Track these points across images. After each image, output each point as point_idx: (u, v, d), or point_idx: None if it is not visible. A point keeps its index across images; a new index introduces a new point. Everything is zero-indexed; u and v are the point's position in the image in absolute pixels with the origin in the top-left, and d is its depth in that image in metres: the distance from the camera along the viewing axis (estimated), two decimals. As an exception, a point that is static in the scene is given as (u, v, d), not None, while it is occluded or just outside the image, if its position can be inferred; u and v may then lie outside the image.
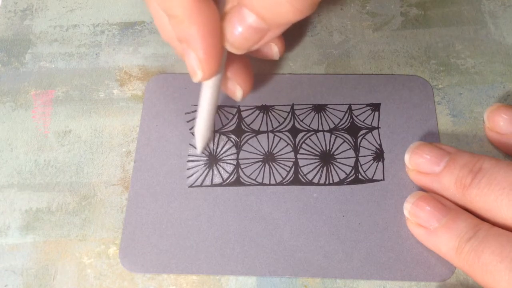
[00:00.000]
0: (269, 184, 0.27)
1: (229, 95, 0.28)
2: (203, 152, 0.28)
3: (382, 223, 0.26)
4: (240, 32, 0.23)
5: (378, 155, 0.28)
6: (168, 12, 0.23)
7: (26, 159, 0.29)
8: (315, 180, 0.27)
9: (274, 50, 0.28)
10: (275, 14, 0.22)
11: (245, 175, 0.28)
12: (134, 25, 0.33)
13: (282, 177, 0.27)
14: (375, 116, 0.29)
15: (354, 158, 0.28)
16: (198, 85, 0.30)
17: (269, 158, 0.28)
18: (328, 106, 0.29)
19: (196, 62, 0.23)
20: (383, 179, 0.27)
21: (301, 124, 0.29)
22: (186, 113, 0.29)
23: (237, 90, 0.28)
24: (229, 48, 0.24)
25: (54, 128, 0.29)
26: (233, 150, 0.28)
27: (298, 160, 0.28)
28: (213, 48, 0.23)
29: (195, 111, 0.29)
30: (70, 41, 0.32)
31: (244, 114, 0.29)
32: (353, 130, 0.29)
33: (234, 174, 0.28)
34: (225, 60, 0.25)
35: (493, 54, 0.31)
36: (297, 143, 0.28)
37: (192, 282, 0.25)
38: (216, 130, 0.29)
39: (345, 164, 0.28)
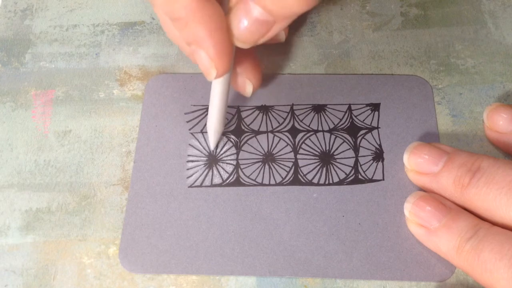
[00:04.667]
0: (269, 185, 0.27)
1: (239, 91, 0.28)
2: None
3: (382, 223, 0.26)
4: (246, 25, 0.23)
5: (378, 155, 0.28)
6: (171, 15, 0.23)
7: (26, 159, 0.29)
8: (315, 180, 0.27)
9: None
10: (281, 6, 0.22)
11: (245, 175, 0.28)
12: (134, 25, 0.33)
13: (282, 177, 0.28)
14: (375, 116, 0.29)
15: (354, 158, 0.28)
16: (198, 85, 0.30)
17: (268, 158, 0.28)
18: (328, 106, 0.29)
19: (208, 61, 0.23)
20: (383, 179, 0.27)
21: (300, 124, 0.29)
22: (186, 113, 0.29)
23: (247, 85, 0.28)
24: (236, 42, 0.24)
25: (54, 128, 0.29)
26: (233, 150, 0.28)
27: (298, 160, 0.28)
28: (223, 44, 0.23)
29: (195, 111, 0.29)
30: (70, 41, 0.32)
31: (243, 114, 0.29)
32: (353, 130, 0.29)
33: (234, 175, 0.28)
34: (234, 56, 0.25)
35: (493, 54, 0.31)
36: (296, 143, 0.28)
37: (192, 282, 0.25)
38: (216, 130, 0.29)
39: (344, 164, 0.28)
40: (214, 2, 0.23)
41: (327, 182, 0.27)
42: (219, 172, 0.28)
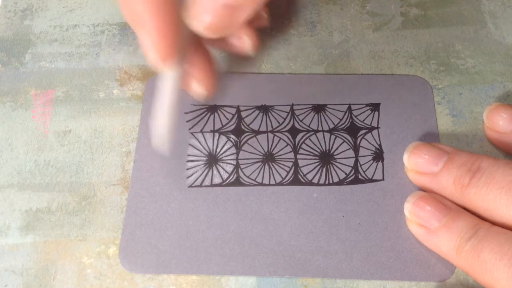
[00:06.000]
0: (269, 184, 0.27)
1: (192, 94, 0.27)
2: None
3: (382, 223, 0.26)
4: (212, 11, 0.21)
5: (378, 155, 0.28)
6: None
7: (26, 159, 0.29)
8: (315, 180, 0.27)
9: (246, 42, 0.26)
10: None
11: (245, 175, 0.28)
12: (134, 25, 0.33)
13: (281, 177, 0.28)
14: (375, 116, 0.29)
15: (354, 158, 0.28)
16: (198, 85, 0.30)
17: (268, 158, 0.28)
18: (328, 106, 0.29)
19: (149, 42, 0.21)
20: (383, 179, 0.27)
21: (300, 124, 0.29)
22: (185, 113, 0.29)
23: (199, 89, 0.26)
24: (204, 31, 0.22)
25: (54, 128, 0.29)
26: (233, 150, 0.28)
27: (298, 160, 0.28)
28: (166, 25, 0.21)
29: (195, 110, 0.29)
30: (70, 41, 0.32)
31: (243, 114, 0.29)
32: (353, 130, 0.29)
33: (234, 174, 0.28)
34: (186, 55, 0.24)
35: (493, 54, 0.31)
36: (296, 143, 0.28)
37: (192, 282, 0.25)
38: (216, 130, 0.29)
39: (344, 164, 0.28)
40: None
41: (327, 182, 0.27)
42: (219, 172, 0.28)
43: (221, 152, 0.28)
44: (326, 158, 0.28)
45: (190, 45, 0.24)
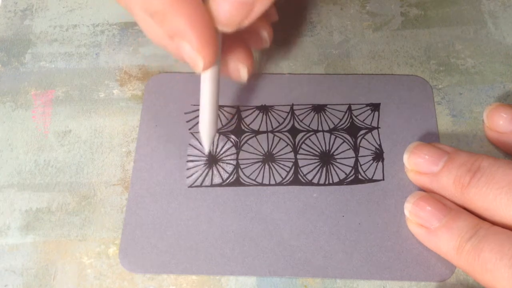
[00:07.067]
0: (269, 185, 0.27)
1: (233, 78, 0.27)
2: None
3: (382, 223, 0.26)
4: (226, 8, 0.22)
5: (378, 155, 0.28)
6: (149, 11, 0.22)
7: (26, 159, 0.29)
8: (315, 180, 0.27)
9: (263, 35, 0.27)
10: None
11: (245, 175, 0.28)
12: (134, 25, 0.33)
13: (282, 177, 0.28)
14: (375, 116, 0.29)
15: (354, 158, 0.28)
16: (198, 85, 0.30)
17: (268, 158, 0.28)
18: (328, 106, 0.29)
19: (193, 52, 0.22)
20: (383, 179, 0.27)
21: (300, 124, 0.29)
22: (185, 113, 0.29)
23: (241, 69, 0.27)
24: (219, 26, 0.23)
25: (54, 128, 0.29)
26: (233, 150, 0.28)
27: (298, 160, 0.28)
28: (206, 32, 0.22)
29: (195, 111, 0.29)
30: (70, 41, 0.32)
31: (243, 114, 0.29)
32: (353, 130, 0.29)
33: (234, 174, 0.28)
34: (221, 45, 0.24)
35: (493, 54, 0.31)
36: (296, 143, 0.28)
37: (192, 282, 0.25)
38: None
39: (344, 164, 0.28)
40: None
41: (327, 182, 0.27)
42: (219, 172, 0.28)
43: (221, 152, 0.28)
44: (326, 158, 0.28)
45: (225, 39, 0.24)
